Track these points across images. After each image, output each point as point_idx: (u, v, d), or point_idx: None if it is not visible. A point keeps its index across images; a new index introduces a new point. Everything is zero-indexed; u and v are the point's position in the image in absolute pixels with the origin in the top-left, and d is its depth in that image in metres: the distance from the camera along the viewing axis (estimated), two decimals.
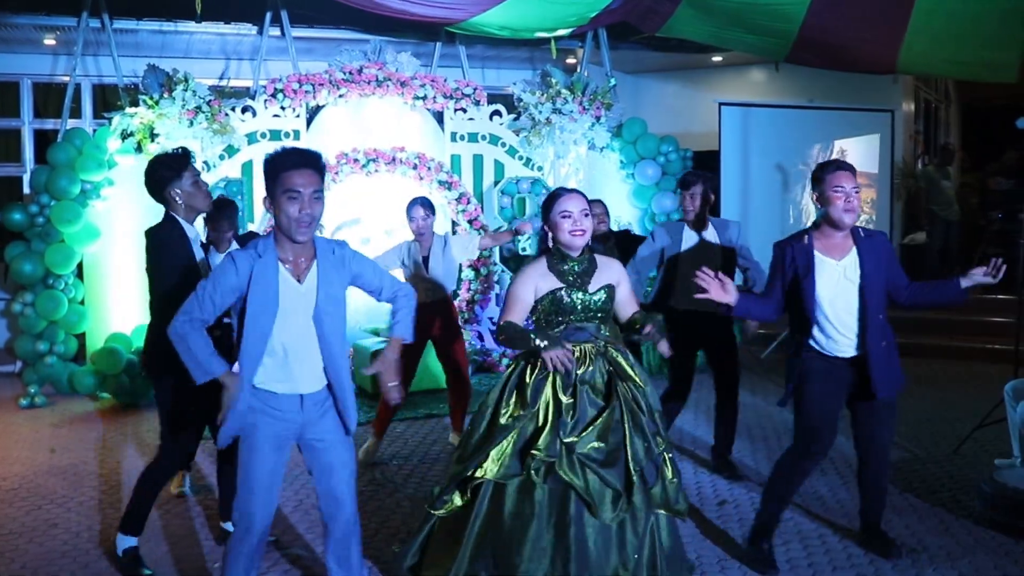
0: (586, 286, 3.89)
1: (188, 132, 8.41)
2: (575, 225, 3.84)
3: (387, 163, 9.01)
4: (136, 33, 9.81)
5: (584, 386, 3.79)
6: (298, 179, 3.29)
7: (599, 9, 9.01)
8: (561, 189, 4.02)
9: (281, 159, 3.34)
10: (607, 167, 9.57)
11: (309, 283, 3.42)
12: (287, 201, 3.29)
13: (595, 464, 3.65)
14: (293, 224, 3.30)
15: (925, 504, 5.39)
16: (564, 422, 3.71)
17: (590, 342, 3.89)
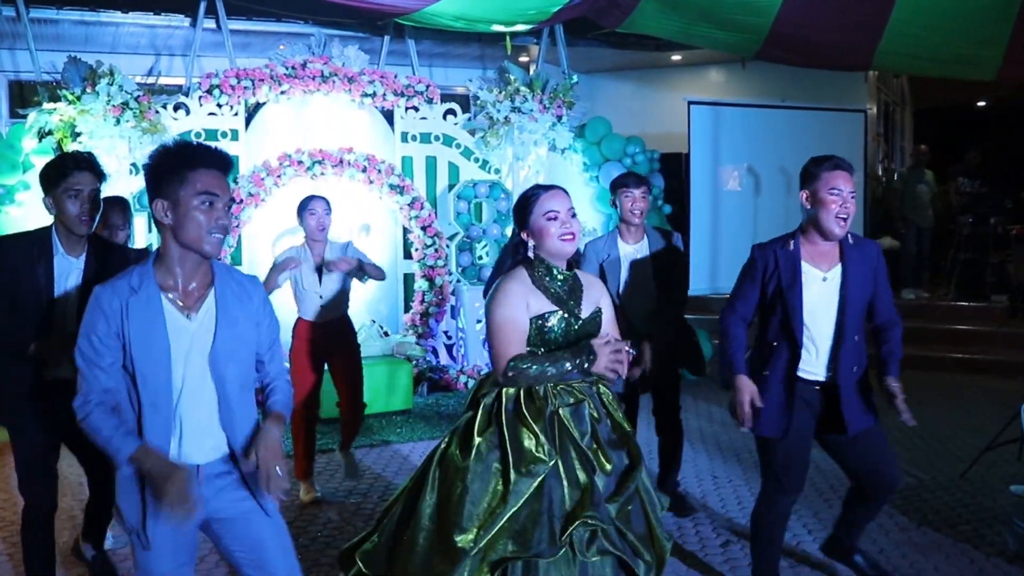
0: (578, 308, 3.17)
1: (114, 130, 7.63)
2: (564, 228, 3.12)
3: (334, 165, 8.29)
4: (57, 24, 8.99)
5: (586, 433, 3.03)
6: (213, 181, 2.62)
7: (562, 3, 8.43)
8: (539, 187, 3.25)
9: (189, 153, 2.63)
10: (569, 170, 9.00)
11: (203, 317, 2.69)
12: (199, 208, 2.58)
13: (628, 529, 2.98)
14: (205, 236, 2.60)
15: (947, 539, 4.91)
16: (599, 478, 2.98)
17: (580, 381, 3.12)
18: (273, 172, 8.12)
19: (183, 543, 2.75)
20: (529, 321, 3.08)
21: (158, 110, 7.98)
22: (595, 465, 2.98)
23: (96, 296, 2.61)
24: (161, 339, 2.60)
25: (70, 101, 7.55)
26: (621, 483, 3.01)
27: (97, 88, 7.55)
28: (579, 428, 3.01)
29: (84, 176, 3.62)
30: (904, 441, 6.79)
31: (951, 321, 9.93)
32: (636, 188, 5.16)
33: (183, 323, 2.64)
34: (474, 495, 2.92)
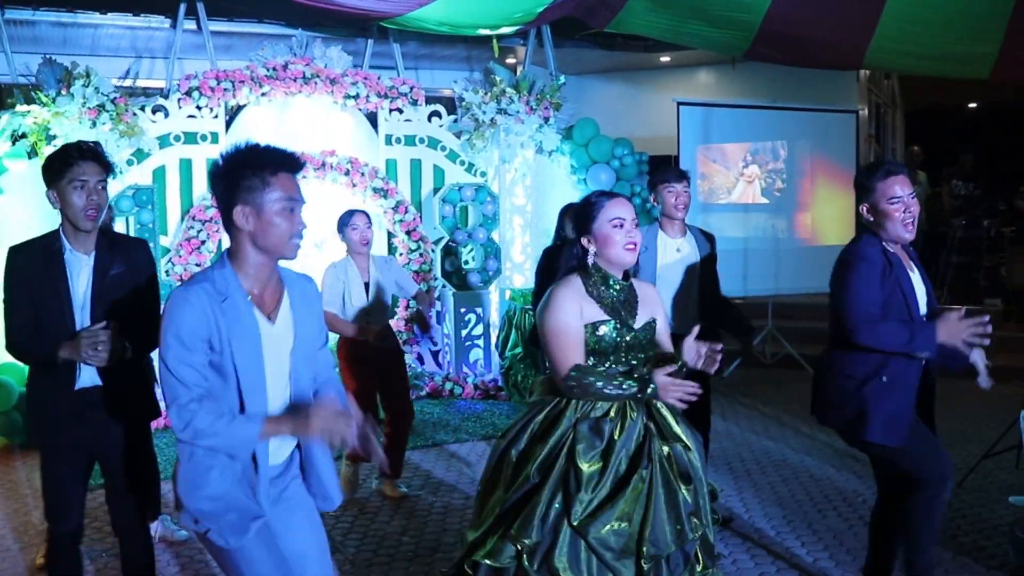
0: (632, 319, 3.12)
1: (90, 133, 7.43)
2: (629, 236, 3.09)
3: (316, 169, 8.12)
4: (34, 25, 8.80)
5: (621, 451, 2.96)
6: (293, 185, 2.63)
7: (547, 4, 8.27)
8: (601, 193, 3.23)
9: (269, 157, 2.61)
10: (556, 172, 8.84)
11: (282, 322, 2.67)
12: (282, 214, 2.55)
13: (611, 553, 2.83)
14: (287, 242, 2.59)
15: (948, 552, 4.75)
16: (580, 497, 2.87)
17: (632, 395, 3.04)
18: None
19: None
20: (583, 328, 3.05)
21: (136, 112, 7.80)
22: (581, 482, 2.90)
23: (183, 298, 2.50)
24: (255, 346, 2.56)
25: (44, 103, 7.36)
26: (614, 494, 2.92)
27: (72, 90, 7.36)
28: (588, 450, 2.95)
29: (89, 166, 3.34)
30: None
31: None
32: (678, 183, 5.03)
33: (267, 328, 2.61)
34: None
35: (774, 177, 9.71)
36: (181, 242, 7.81)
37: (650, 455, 2.96)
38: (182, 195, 8.05)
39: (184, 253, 7.77)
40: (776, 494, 5.64)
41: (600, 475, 2.92)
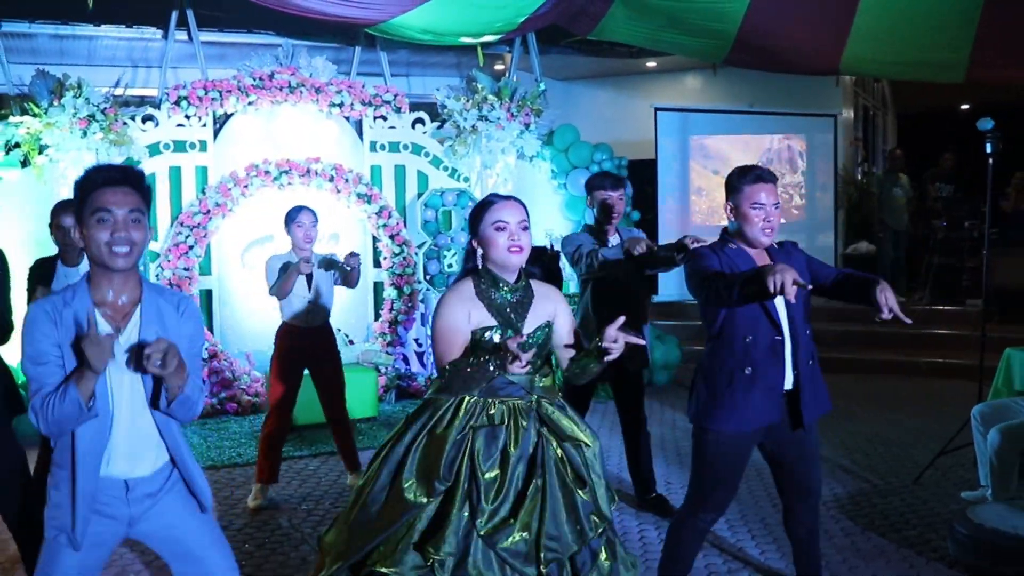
0: (521, 323, 3.12)
1: (82, 143, 7.67)
2: (512, 240, 3.08)
3: (301, 175, 8.34)
4: (33, 38, 9.05)
5: (518, 462, 3.00)
6: (110, 196, 2.66)
7: (528, 14, 8.46)
8: (494, 196, 3.23)
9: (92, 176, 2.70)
10: (538, 177, 9.03)
11: (131, 331, 2.74)
12: (96, 222, 2.64)
13: (519, 560, 2.91)
14: (105, 251, 2.66)
15: (891, 545, 4.89)
16: (483, 508, 2.92)
17: (521, 398, 3.10)
18: (240, 182, 8.16)
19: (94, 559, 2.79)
20: (471, 333, 3.07)
21: (126, 122, 8.01)
22: (480, 491, 2.94)
23: (39, 303, 2.66)
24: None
25: (35, 114, 7.59)
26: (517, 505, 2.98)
27: (63, 101, 7.57)
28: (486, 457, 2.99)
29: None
30: (865, 447, 6.80)
31: (926, 326, 9.91)
32: (614, 190, 5.20)
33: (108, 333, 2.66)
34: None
35: (791, 192, 9.76)
36: (170, 247, 8.02)
37: (544, 463, 3.01)
38: (172, 202, 8.26)
39: (172, 258, 7.99)
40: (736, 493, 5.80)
41: (499, 484, 2.96)
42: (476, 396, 3.07)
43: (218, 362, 8.04)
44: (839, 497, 5.67)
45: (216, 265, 8.39)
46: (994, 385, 6.10)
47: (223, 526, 5.27)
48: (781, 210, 3.74)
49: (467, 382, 3.03)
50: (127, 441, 2.74)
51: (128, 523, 2.80)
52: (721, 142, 9.44)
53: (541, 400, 3.13)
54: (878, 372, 9.34)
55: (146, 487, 2.80)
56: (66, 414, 2.54)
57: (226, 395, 7.97)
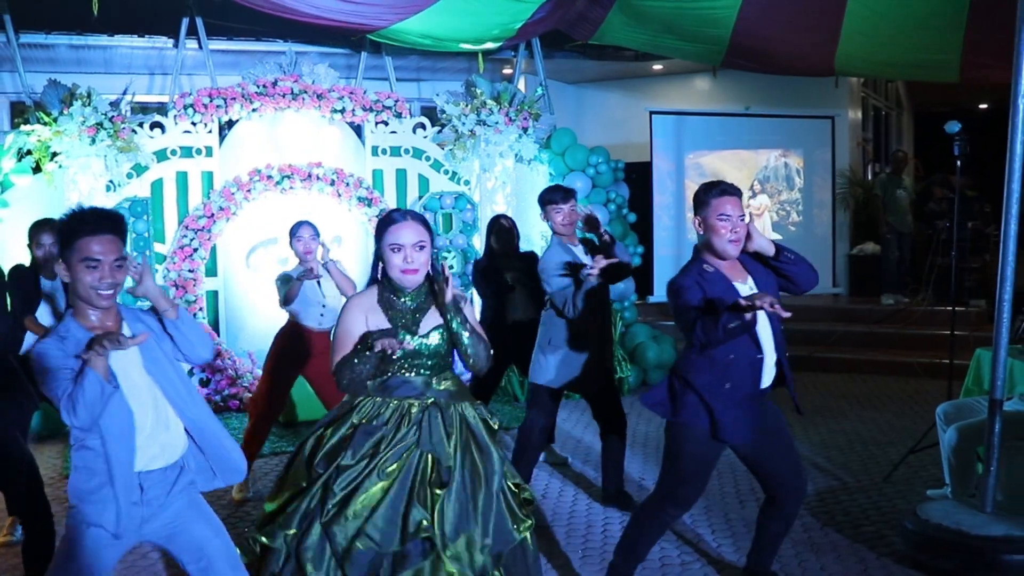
0: (415, 327, 3.32)
1: (90, 150, 7.94)
2: (407, 263, 3.25)
3: (303, 180, 8.58)
4: (51, 48, 9.41)
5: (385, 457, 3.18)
6: (96, 246, 2.96)
7: (523, 20, 8.62)
8: (395, 213, 3.37)
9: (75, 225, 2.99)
10: (536, 180, 9.16)
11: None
12: (85, 268, 2.95)
13: (341, 546, 3.14)
14: (92, 293, 2.98)
15: (846, 540, 5.02)
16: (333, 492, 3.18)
17: (414, 397, 3.29)
18: (243, 187, 8.41)
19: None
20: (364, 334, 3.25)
21: (135, 129, 8.29)
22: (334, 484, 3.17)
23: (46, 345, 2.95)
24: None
25: (45, 122, 7.88)
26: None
27: (71, 110, 7.85)
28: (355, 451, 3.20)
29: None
30: (844, 446, 6.89)
31: (927, 326, 9.93)
32: (564, 203, 5.35)
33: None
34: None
35: (788, 209, 9.81)
36: (175, 250, 8.30)
37: (402, 464, 3.18)
38: (179, 206, 8.53)
39: (178, 260, 8.26)
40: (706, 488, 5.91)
41: (355, 476, 3.16)
42: (372, 396, 3.29)
43: (222, 360, 8.30)
44: (806, 494, 5.77)
45: (222, 267, 8.65)
46: (965, 385, 6.16)
47: None
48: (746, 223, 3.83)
49: (353, 376, 3.23)
50: (152, 437, 3.05)
51: (141, 523, 3.06)
52: (717, 160, 9.54)
53: (444, 402, 3.31)
54: (875, 372, 9.38)
55: (158, 486, 3.08)
56: (91, 395, 2.79)
57: (229, 392, 8.23)
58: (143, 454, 3.02)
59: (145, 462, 3.03)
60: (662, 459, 4.05)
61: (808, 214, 9.84)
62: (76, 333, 2.96)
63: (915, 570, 4.60)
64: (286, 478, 3.34)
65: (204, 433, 3.18)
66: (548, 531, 5.21)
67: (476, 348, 3.34)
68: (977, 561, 4.38)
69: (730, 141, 9.55)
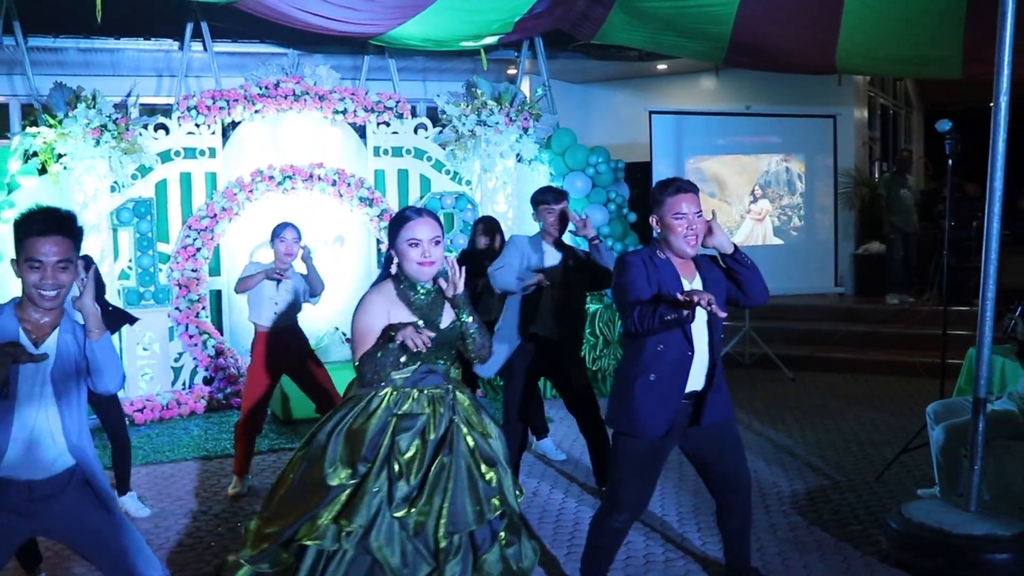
0: (437, 320, 3.42)
1: (95, 151, 8.03)
2: (424, 256, 3.36)
3: (304, 180, 8.65)
4: (60, 51, 9.52)
5: (433, 446, 3.28)
6: (42, 247, 3.02)
7: (522, 14, 8.67)
8: (410, 211, 3.48)
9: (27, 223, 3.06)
10: (536, 180, 9.19)
11: (47, 348, 3.10)
12: (28, 268, 3.03)
13: (420, 537, 3.20)
14: (35, 292, 3.04)
15: (832, 539, 5.02)
16: (399, 486, 3.21)
17: (440, 387, 3.40)
18: (245, 187, 8.50)
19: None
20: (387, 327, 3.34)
21: (141, 131, 8.38)
22: (402, 474, 3.22)
23: None
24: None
25: (51, 124, 7.98)
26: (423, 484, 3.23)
27: (75, 112, 7.94)
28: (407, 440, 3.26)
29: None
30: (839, 446, 6.88)
31: (931, 326, 9.84)
32: (556, 204, 5.46)
33: (30, 348, 3.05)
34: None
35: (790, 214, 9.80)
36: (179, 249, 8.38)
37: (452, 445, 3.29)
38: (183, 206, 8.62)
39: (182, 260, 8.35)
40: (695, 485, 5.88)
41: (417, 464, 3.24)
42: (400, 387, 3.36)
43: (224, 359, 8.39)
44: (796, 493, 5.79)
45: (225, 266, 8.73)
46: (958, 384, 6.17)
47: (204, 511, 5.65)
48: (703, 219, 3.85)
49: (377, 369, 3.32)
50: (25, 447, 3.08)
51: (30, 518, 3.13)
52: (717, 164, 9.52)
53: (455, 390, 3.44)
54: (877, 372, 9.34)
55: (46, 488, 3.13)
56: None
57: (231, 390, 8.31)
58: (17, 461, 3.07)
59: (28, 472, 3.09)
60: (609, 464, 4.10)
61: (810, 218, 9.81)
62: (7, 320, 3.05)
63: (898, 569, 4.60)
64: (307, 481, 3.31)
65: (88, 460, 3.21)
66: (535, 529, 5.24)
67: (483, 339, 3.48)
68: (959, 560, 4.38)
69: (731, 146, 9.52)
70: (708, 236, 3.82)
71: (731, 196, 9.55)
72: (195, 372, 8.52)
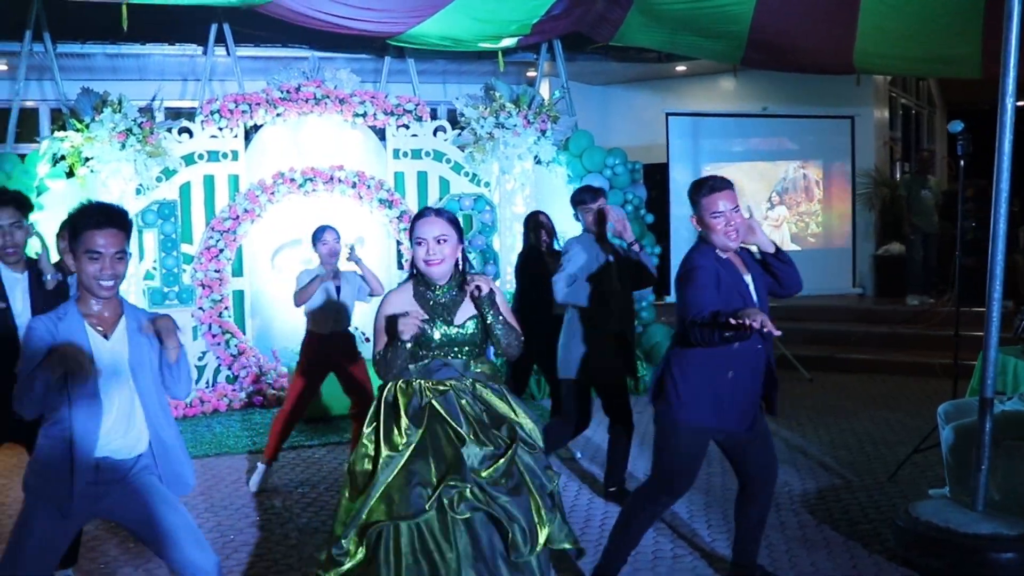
0: (451, 318, 3.52)
1: (120, 155, 8.18)
2: (429, 254, 3.47)
3: (325, 182, 8.78)
4: (88, 57, 9.72)
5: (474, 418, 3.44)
6: (100, 239, 3.15)
7: (539, 16, 8.77)
8: (425, 211, 3.59)
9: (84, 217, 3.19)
10: (554, 182, 9.29)
11: (117, 338, 3.26)
12: (88, 259, 3.16)
13: (503, 494, 3.32)
14: (94, 283, 3.18)
15: (841, 537, 5.06)
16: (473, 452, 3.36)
17: (455, 379, 3.51)
18: (267, 190, 8.63)
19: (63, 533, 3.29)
20: None
21: (165, 134, 8.53)
22: (465, 439, 3.35)
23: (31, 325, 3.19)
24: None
25: (78, 129, 8.14)
26: (496, 458, 3.36)
27: (101, 116, 8.10)
28: (449, 412, 3.40)
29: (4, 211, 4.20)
30: (854, 446, 6.90)
31: (951, 327, 9.82)
32: (593, 202, 5.59)
33: (100, 340, 3.22)
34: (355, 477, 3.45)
35: (807, 220, 9.82)
36: (203, 250, 8.53)
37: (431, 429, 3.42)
38: (206, 208, 8.76)
39: (205, 260, 8.50)
40: (709, 483, 5.97)
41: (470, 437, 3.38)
42: (411, 379, 3.50)
43: (247, 358, 8.53)
44: (807, 492, 5.83)
45: (247, 267, 8.87)
46: (971, 384, 6.19)
47: (225, 506, 5.78)
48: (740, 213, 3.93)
49: (388, 365, 3.46)
50: (115, 428, 3.24)
51: (96, 500, 3.27)
52: (734, 171, 9.53)
53: (476, 382, 3.53)
54: (896, 373, 9.34)
55: (116, 471, 3.28)
56: (38, 393, 3.01)
57: (254, 388, 8.45)
58: (105, 442, 3.21)
59: (106, 451, 3.23)
60: (654, 450, 4.19)
61: (828, 224, 9.82)
62: (72, 318, 3.18)
63: (905, 567, 4.63)
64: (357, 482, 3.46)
65: (164, 445, 3.37)
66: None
67: (508, 338, 3.55)
68: (965, 559, 4.41)
69: (748, 152, 9.54)
70: (750, 234, 3.92)
71: (748, 203, 9.56)
72: (218, 371, 8.66)
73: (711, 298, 3.77)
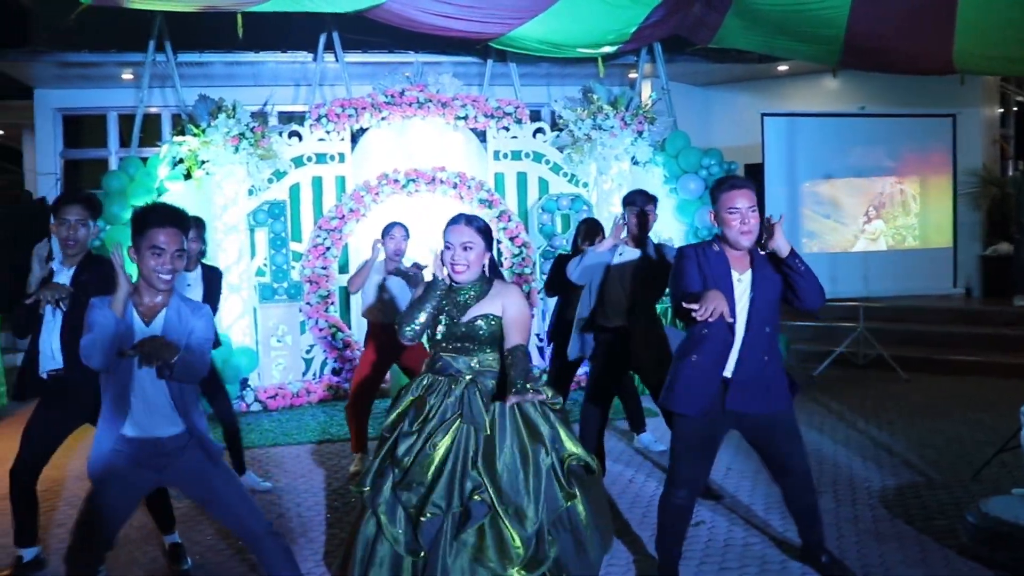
0: (460, 315, 3.75)
1: (234, 158, 8.68)
2: (454, 259, 3.70)
3: (427, 183, 9.13)
4: (208, 65, 10.30)
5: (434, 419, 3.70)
6: (163, 237, 3.48)
7: (637, 24, 8.94)
8: (458, 217, 3.82)
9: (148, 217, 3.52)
10: (651, 182, 9.43)
11: (155, 325, 3.57)
12: (150, 254, 3.49)
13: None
14: (154, 275, 3.51)
15: (914, 532, 5.09)
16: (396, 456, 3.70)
17: (458, 375, 3.75)
18: (372, 190, 9.02)
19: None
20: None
21: (275, 138, 9.00)
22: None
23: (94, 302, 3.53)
24: (130, 336, 3.52)
25: (195, 134, 8.67)
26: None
27: (216, 122, 8.61)
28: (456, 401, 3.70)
29: (72, 208, 4.51)
30: (940, 445, 6.85)
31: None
32: (634, 206, 5.90)
33: (140, 326, 3.57)
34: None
35: (904, 233, 9.74)
36: (310, 248, 8.98)
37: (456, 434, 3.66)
38: (314, 208, 9.21)
39: (312, 258, 8.94)
40: None
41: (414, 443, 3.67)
42: (426, 374, 3.84)
43: (350, 351, 8.93)
44: (886, 488, 5.86)
45: (353, 264, 9.27)
46: None
47: (324, 487, 6.17)
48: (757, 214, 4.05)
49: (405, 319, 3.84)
50: (145, 410, 3.60)
51: (160, 471, 3.68)
52: (833, 187, 9.52)
53: (477, 378, 3.77)
54: (997, 375, 9.14)
55: (172, 444, 3.65)
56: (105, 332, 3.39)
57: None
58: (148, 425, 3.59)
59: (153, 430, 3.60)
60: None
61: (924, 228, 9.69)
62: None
63: (974, 562, 4.65)
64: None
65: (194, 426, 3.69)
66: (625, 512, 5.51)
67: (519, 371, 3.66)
68: None
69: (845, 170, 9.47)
70: (769, 239, 4.01)
71: (846, 217, 9.52)
72: (324, 363, 9.09)
73: (690, 284, 4.02)
